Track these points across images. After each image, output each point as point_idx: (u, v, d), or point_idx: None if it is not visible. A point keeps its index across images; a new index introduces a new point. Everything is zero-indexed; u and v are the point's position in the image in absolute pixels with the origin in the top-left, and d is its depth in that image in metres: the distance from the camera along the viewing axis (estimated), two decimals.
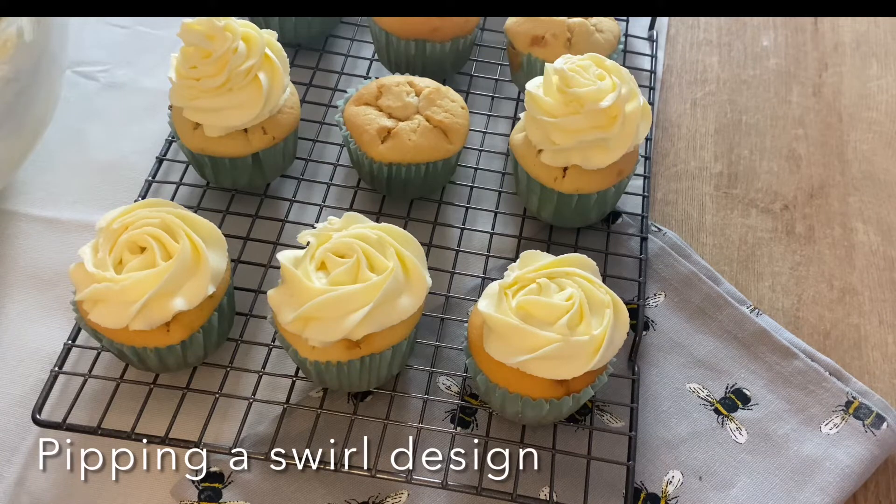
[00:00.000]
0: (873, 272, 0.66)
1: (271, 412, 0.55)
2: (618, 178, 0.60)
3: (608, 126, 0.57)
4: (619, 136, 0.57)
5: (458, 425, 0.55)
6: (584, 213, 0.62)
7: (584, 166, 0.58)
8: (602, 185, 0.59)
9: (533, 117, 0.58)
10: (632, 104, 0.58)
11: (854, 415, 0.57)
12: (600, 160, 0.58)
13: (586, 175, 0.59)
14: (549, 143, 0.58)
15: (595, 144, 0.57)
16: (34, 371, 0.57)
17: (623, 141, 0.57)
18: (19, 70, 0.58)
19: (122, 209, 0.53)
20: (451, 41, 0.69)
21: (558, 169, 0.59)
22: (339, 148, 0.69)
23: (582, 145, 0.57)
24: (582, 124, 0.56)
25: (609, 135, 0.56)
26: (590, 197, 0.60)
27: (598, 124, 0.56)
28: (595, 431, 0.54)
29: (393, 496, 0.53)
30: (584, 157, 0.58)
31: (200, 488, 0.52)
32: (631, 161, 0.61)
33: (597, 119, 0.56)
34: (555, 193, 0.60)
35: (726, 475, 0.55)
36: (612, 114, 0.57)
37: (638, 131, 0.58)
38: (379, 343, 0.50)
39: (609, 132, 0.56)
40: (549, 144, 0.58)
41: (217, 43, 0.56)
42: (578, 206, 0.61)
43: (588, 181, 0.59)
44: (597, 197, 0.60)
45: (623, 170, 0.60)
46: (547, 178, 0.59)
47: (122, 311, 0.49)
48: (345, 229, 0.51)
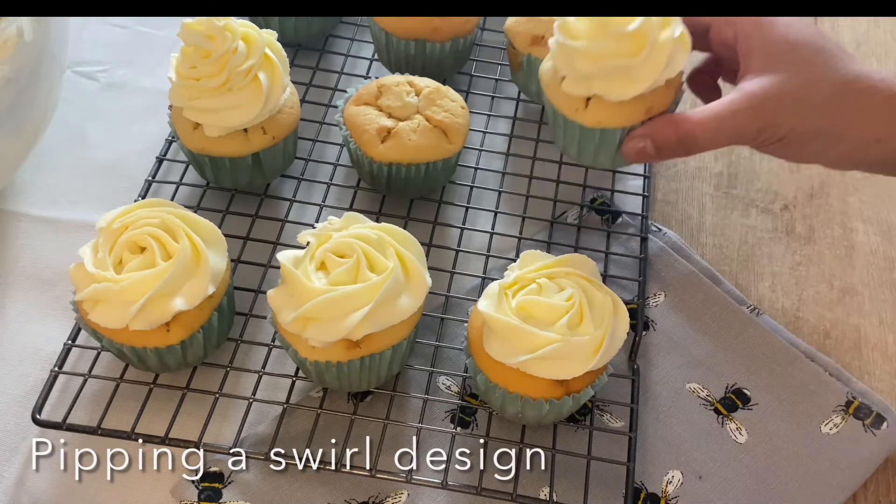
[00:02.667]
0: (873, 272, 0.66)
1: (271, 412, 0.55)
2: (646, 115, 0.54)
3: (634, 53, 0.51)
4: (646, 64, 0.51)
5: (458, 425, 0.55)
6: (608, 151, 0.56)
7: (605, 97, 0.53)
8: (627, 120, 0.54)
9: (558, 41, 0.53)
10: (665, 32, 0.51)
11: (854, 415, 0.57)
12: (623, 91, 0.52)
13: (609, 107, 0.53)
14: (571, 70, 0.53)
15: (618, 72, 0.52)
16: (34, 371, 0.57)
17: (650, 71, 0.51)
18: (19, 70, 0.58)
19: (122, 209, 0.53)
20: (451, 41, 0.69)
21: (580, 99, 0.54)
22: (339, 148, 0.69)
23: (604, 73, 0.52)
24: (606, 49, 0.51)
25: (634, 63, 0.51)
26: (614, 133, 0.54)
27: (622, 50, 0.51)
28: (595, 431, 0.54)
29: (393, 496, 0.53)
30: (606, 87, 0.52)
31: (200, 488, 0.52)
32: (664, 98, 0.54)
33: (622, 44, 0.51)
34: (576, 127, 0.55)
35: (726, 475, 0.55)
36: (639, 39, 0.51)
37: (670, 62, 0.52)
38: (379, 343, 0.50)
39: (634, 60, 0.51)
40: (571, 71, 0.53)
41: (217, 43, 0.56)
42: (602, 142, 0.55)
43: (611, 114, 0.53)
44: (622, 134, 0.55)
45: (653, 107, 0.54)
46: (568, 108, 0.55)
47: (122, 311, 0.49)
48: (345, 229, 0.51)
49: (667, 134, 0.53)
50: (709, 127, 0.51)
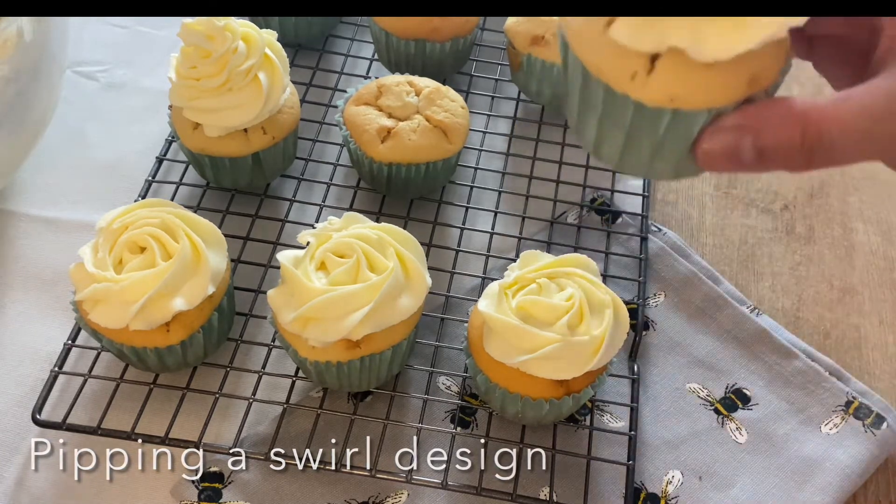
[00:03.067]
0: (873, 272, 0.66)
1: (271, 412, 0.55)
2: (748, 89, 0.33)
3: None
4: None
5: (458, 425, 0.55)
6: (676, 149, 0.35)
7: (691, 53, 0.32)
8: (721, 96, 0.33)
9: None
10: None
11: (854, 415, 0.57)
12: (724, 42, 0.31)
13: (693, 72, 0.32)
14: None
15: None
16: (34, 371, 0.57)
17: None
18: (19, 70, 0.58)
19: (121, 209, 0.53)
20: (451, 41, 0.69)
21: (640, 58, 0.33)
22: (339, 148, 0.69)
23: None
24: None
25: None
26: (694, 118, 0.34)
27: None
28: (595, 431, 0.54)
29: (393, 496, 0.53)
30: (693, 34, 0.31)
31: (200, 488, 0.52)
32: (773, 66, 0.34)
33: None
34: (629, 105, 0.34)
35: (726, 475, 0.55)
36: None
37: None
38: (379, 343, 0.50)
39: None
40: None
41: (217, 43, 0.56)
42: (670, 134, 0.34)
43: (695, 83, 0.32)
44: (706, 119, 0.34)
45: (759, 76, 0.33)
46: (619, 72, 0.33)
47: (122, 311, 0.49)
48: (345, 229, 0.52)
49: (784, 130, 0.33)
50: (854, 126, 0.32)
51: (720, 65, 0.32)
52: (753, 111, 0.33)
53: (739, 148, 0.33)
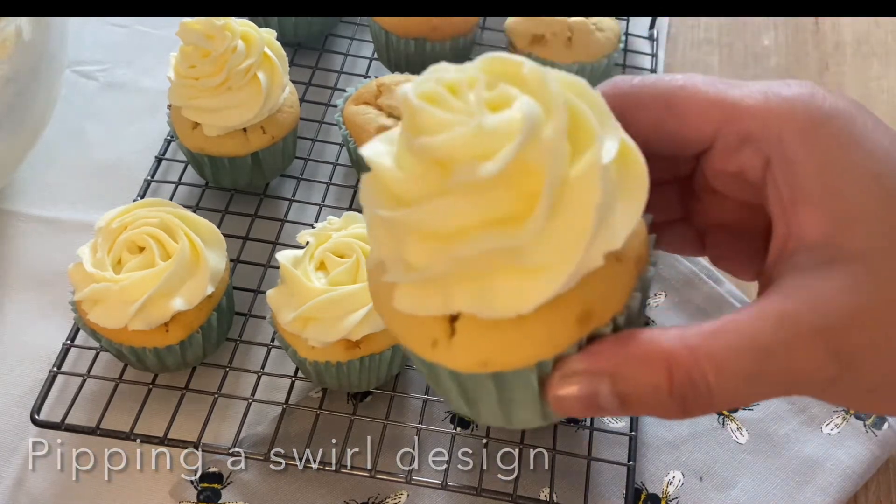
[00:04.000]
0: None
1: (270, 412, 0.55)
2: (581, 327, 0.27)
3: (518, 214, 0.25)
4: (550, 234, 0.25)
5: (458, 425, 0.55)
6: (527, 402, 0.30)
7: (482, 315, 0.26)
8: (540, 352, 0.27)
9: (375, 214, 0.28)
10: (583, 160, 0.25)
11: (855, 415, 0.57)
12: (511, 298, 0.26)
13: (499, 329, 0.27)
14: (405, 268, 0.27)
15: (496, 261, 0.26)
16: (33, 371, 0.57)
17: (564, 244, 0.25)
18: (19, 70, 0.58)
19: (120, 209, 0.53)
20: (451, 40, 0.69)
21: (438, 321, 0.28)
22: (338, 147, 0.69)
23: (471, 265, 0.26)
24: (459, 213, 0.25)
25: (520, 235, 0.25)
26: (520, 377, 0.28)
27: (492, 213, 0.25)
28: (595, 431, 0.54)
29: (393, 497, 0.53)
30: (478, 294, 0.26)
31: (199, 489, 0.52)
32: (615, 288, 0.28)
33: (490, 200, 0.25)
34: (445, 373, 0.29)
35: (727, 475, 0.54)
36: (522, 184, 0.25)
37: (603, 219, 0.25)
38: (378, 343, 0.50)
39: (520, 230, 0.25)
40: (405, 271, 0.27)
41: (216, 42, 0.56)
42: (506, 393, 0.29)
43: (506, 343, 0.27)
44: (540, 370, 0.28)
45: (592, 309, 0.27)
46: (419, 341, 0.29)
47: (121, 311, 0.49)
48: (344, 229, 0.51)
49: (646, 375, 0.27)
50: (736, 368, 0.26)
51: (530, 315, 0.26)
52: (604, 351, 0.27)
53: (596, 395, 0.27)
